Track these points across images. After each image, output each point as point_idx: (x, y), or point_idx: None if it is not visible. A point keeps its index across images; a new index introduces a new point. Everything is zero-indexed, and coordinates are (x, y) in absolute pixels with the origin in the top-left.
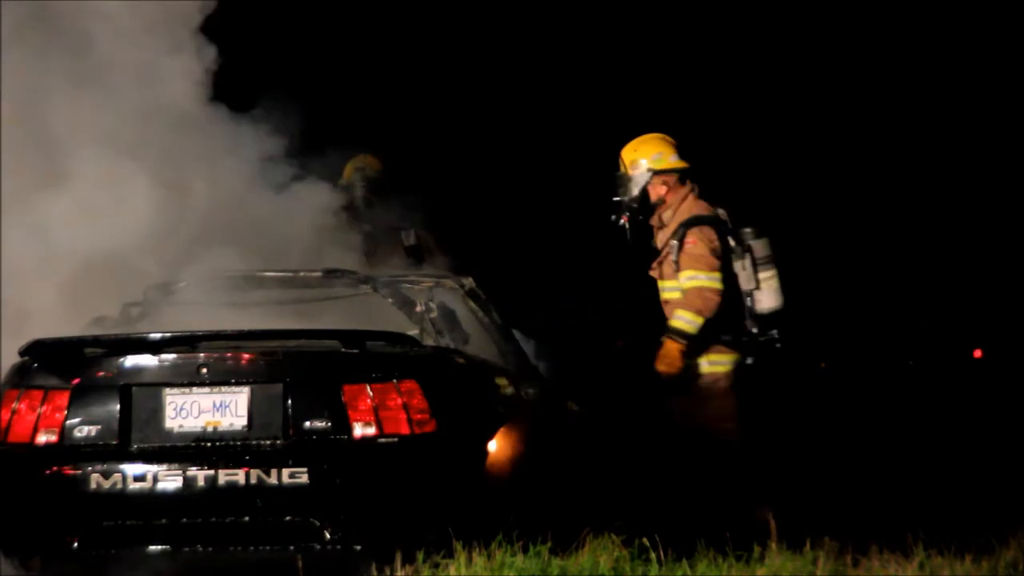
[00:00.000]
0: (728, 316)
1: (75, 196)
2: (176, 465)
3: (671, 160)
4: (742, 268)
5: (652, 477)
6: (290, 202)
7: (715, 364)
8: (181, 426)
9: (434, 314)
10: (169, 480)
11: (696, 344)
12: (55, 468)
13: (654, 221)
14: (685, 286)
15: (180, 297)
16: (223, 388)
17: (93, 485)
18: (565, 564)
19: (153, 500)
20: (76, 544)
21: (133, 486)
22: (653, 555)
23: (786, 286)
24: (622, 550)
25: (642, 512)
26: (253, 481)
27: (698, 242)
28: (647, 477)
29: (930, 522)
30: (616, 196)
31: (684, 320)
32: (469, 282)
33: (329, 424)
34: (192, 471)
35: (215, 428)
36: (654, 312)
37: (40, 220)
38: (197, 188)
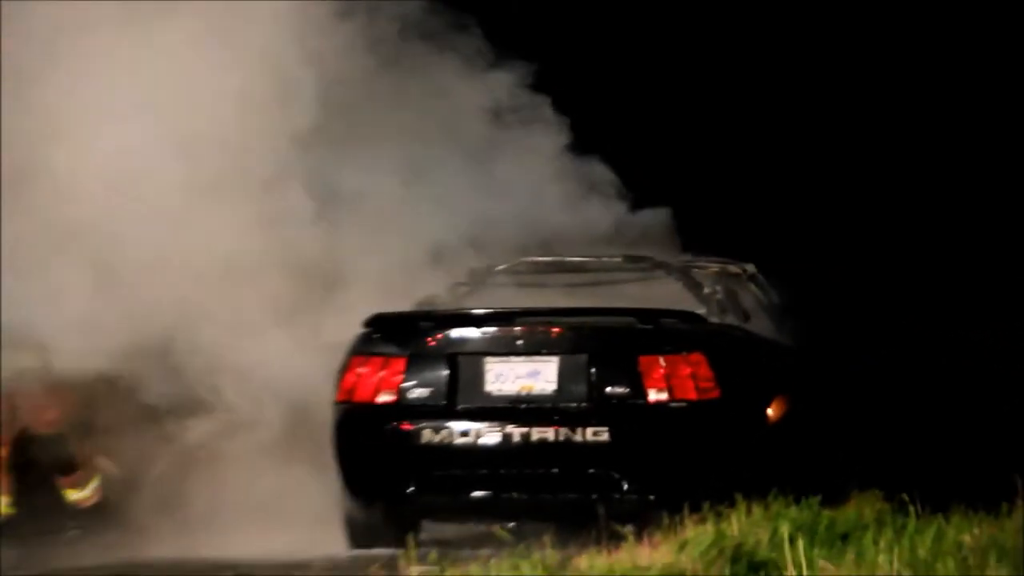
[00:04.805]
0: None
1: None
2: (495, 423)
3: None
4: None
5: (911, 443)
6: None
7: None
8: (500, 390)
9: (719, 295)
10: (489, 436)
11: None
12: (393, 424)
13: None
14: None
15: (498, 279)
16: (535, 357)
17: (425, 439)
18: (834, 515)
19: (475, 453)
20: (412, 489)
21: (458, 441)
22: (912, 508)
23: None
24: (883, 504)
25: (901, 472)
26: (561, 438)
27: None
28: (907, 442)
29: None
30: None
31: None
32: (751, 268)
33: (627, 390)
34: (509, 429)
35: (528, 392)
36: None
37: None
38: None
